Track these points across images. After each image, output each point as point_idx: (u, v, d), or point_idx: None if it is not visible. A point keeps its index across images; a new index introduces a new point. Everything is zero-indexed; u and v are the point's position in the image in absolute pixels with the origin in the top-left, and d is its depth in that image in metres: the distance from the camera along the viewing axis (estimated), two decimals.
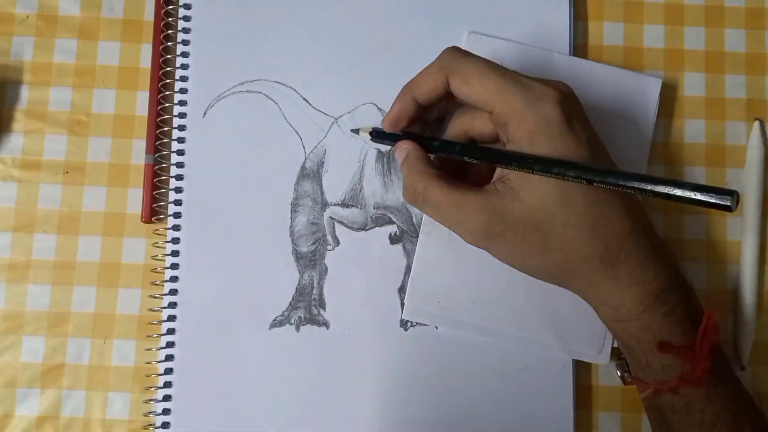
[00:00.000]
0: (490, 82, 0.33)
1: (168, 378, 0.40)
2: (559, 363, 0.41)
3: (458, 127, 0.38)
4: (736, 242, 0.43)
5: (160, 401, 0.40)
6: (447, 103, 0.38)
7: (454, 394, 0.40)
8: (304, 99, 0.43)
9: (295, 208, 0.42)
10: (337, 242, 0.42)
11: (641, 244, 0.33)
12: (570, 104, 0.34)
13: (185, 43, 0.43)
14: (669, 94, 0.44)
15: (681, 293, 0.34)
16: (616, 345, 0.40)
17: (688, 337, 0.33)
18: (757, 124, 0.43)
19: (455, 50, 0.36)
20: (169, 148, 0.42)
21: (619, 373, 0.37)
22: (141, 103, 0.43)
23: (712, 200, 0.29)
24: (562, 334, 0.40)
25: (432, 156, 0.37)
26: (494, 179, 0.35)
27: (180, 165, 0.42)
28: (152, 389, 0.40)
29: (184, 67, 0.43)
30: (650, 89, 0.42)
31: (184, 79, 0.42)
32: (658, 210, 0.43)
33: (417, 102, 0.36)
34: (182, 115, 0.42)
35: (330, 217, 0.42)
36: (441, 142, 0.37)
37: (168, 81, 0.43)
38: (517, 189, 0.33)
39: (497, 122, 0.34)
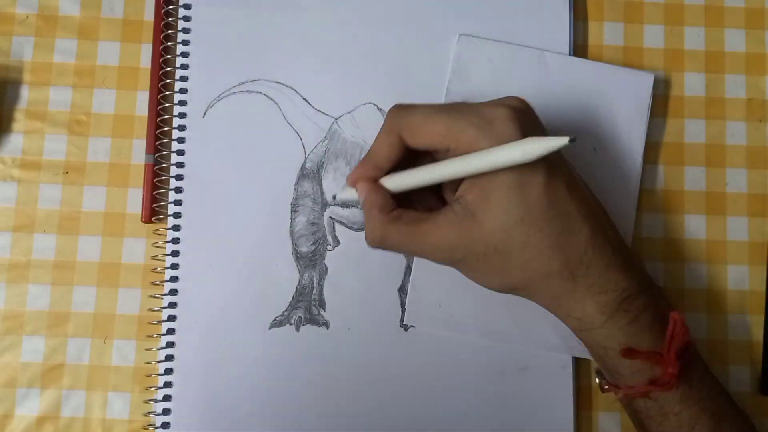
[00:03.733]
0: (439, 125, 0.33)
1: (168, 378, 0.40)
2: (559, 363, 0.41)
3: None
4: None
5: (160, 401, 0.40)
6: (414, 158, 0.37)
7: (453, 394, 0.40)
8: (304, 99, 0.43)
9: (295, 208, 0.42)
10: (337, 242, 0.42)
11: (602, 254, 0.33)
12: (523, 118, 0.33)
13: (185, 43, 0.43)
14: (669, 93, 0.44)
15: (646, 299, 0.34)
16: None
17: (657, 342, 0.33)
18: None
19: (398, 107, 0.35)
20: (169, 148, 0.42)
21: (597, 380, 0.37)
22: (141, 103, 0.43)
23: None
24: (563, 332, 0.40)
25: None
26: (453, 199, 0.34)
27: (180, 165, 0.42)
28: (152, 389, 0.40)
29: (184, 67, 0.43)
30: (643, 85, 0.42)
31: (184, 79, 0.42)
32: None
33: (380, 169, 0.36)
34: (182, 115, 0.42)
35: (330, 217, 0.42)
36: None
37: (168, 81, 0.43)
38: (475, 210, 0.33)
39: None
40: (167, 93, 0.42)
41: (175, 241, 0.41)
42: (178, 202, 0.41)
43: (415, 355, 0.41)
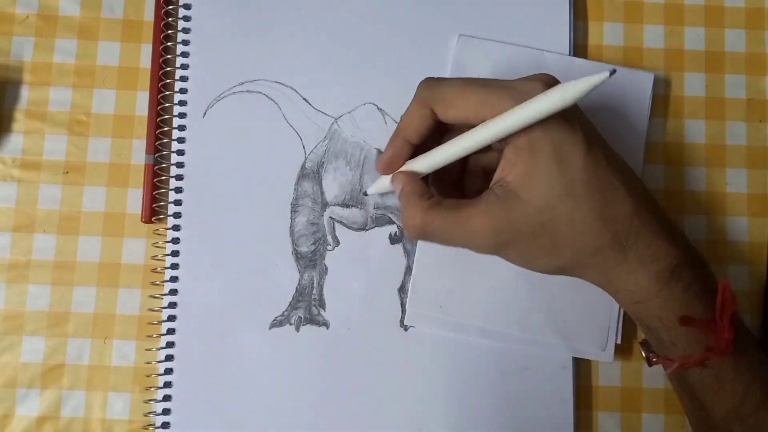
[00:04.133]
0: (473, 96, 0.33)
1: (168, 378, 0.40)
2: (559, 363, 0.41)
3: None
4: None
5: (160, 401, 0.40)
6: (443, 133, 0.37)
7: (453, 394, 0.40)
8: (304, 99, 0.43)
9: (295, 208, 0.42)
10: (337, 242, 0.42)
11: (648, 224, 0.33)
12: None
13: (185, 43, 0.43)
14: (669, 93, 0.44)
15: (695, 268, 0.34)
16: (619, 342, 0.40)
17: (709, 310, 0.33)
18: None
19: (429, 80, 0.35)
20: (169, 148, 0.42)
21: (644, 354, 0.37)
22: (141, 103, 0.43)
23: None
24: (566, 332, 0.40)
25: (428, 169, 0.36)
26: (492, 183, 0.34)
27: (180, 165, 0.42)
28: (152, 389, 0.40)
29: (184, 67, 0.43)
30: (643, 84, 0.43)
31: (184, 79, 0.42)
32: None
33: (410, 143, 0.36)
34: (182, 115, 0.42)
35: (330, 217, 0.42)
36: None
37: (168, 81, 0.43)
38: (517, 189, 0.33)
39: None
40: (167, 93, 0.42)
41: (175, 241, 0.41)
42: (178, 202, 0.41)
43: (415, 355, 0.41)
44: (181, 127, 0.42)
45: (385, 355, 0.41)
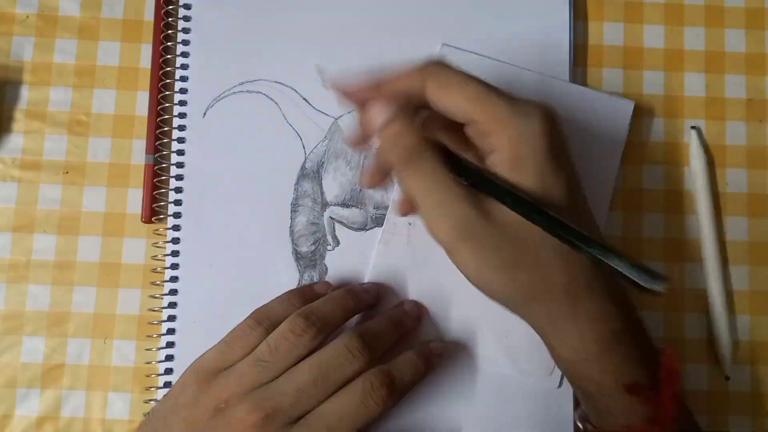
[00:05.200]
0: (472, 90, 0.31)
1: (168, 378, 0.40)
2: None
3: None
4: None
5: None
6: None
7: (452, 394, 0.40)
8: (304, 99, 0.43)
9: (295, 208, 0.42)
10: (337, 242, 0.42)
11: (606, 282, 0.32)
12: (554, 125, 0.32)
13: (185, 43, 0.43)
14: (669, 94, 0.44)
15: (638, 335, 0.32)
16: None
17: (650, 380, 0.31)
18: (694, 132, 0.43)
19: (439, 61, 0.33)
20: (169, 148, 0.42)
21: (580, 425, 0.36)
22: (141, 103, 0.43)
23: (644, 284, 0.28)
24: (513, 353, 0.40)
25: None
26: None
27: (180, 165, 0.42)
28: (152, 389, 0.40)
29: (184, 67, 0.43)
30: (623, 112, 0.42)
31: (184, 79, 0.42)
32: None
33: (383, 94, 0.33)
34: (182, 115, 0.42)
35: (330, 217, 0.42)
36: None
37: (168, 81, 0.43)
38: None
39: (476, 133, 0.32)
40: (167, 93, 0.42)
41: (175, 241, 0.41)
42: (178, 202, 0.41)
43: None
44: (181, 127, 0.42)
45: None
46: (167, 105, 0.42)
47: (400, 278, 0.41)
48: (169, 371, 0.40)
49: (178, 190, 0.42)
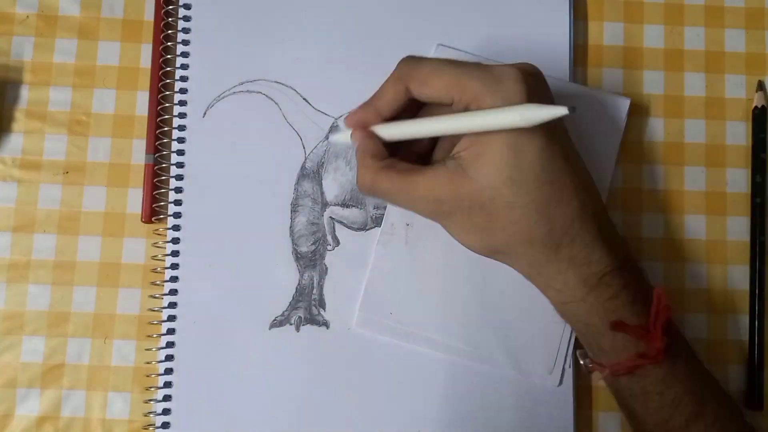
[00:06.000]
0: (446, 77, 0.33)
1: (168, 378, 0.40)
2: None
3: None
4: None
5: (160, 401, 0.40)
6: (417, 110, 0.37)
7: (453, 394, 0.40)
8: (304, 99, 0.43)
9: (295, 208, 0.42)
10: (337, 242, 0.42)
11: (588, 228, 0.33)
12: (532, 82, 0.33)
13: (185, 43, 0.43)
14: (669, 93, 0.44)
15: (628, 276, 0.34)
16: (569, 366, 0.40)
17: (640, 319, 0.33)
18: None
19: (409, 58, 0.36)
20: (169, 148, 0.42)
21: (581, 361, 0.37)
22: (141, 103, 0.43)
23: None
24: (513, 351, 0.40)
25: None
26: (449, 155, 0.34)
27: (180, 165, 0.42)
28: (152, 389, 0.40)
29: (184, 67, 0.43)
30: (619, 109, 0.42)
31: (184, 79, 0.42)
32: (658, 210, 0.43)
33: (380, 114, 0.36)
34: (182, 115, 0.42)
35: (330, 217, 0.42)
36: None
37: (168, 81, 0.43)
38: (466, 167, 0.33)
39: (463, 109, 0.34)
40: (167, 93, 0.42)
41: (175, 241, 0.41)
42: (178, 202, 0.41)
43: (415, 355, 0.41)
44: (181, 127, 0.42)
45: (385, 355, 0.41)
46: (167, 105, 0.42)
47: (399, 280, 0.41)
48: (169, 371, 0.40)
49: (178, 190, 0.42)
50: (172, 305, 0.41)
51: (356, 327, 0.41)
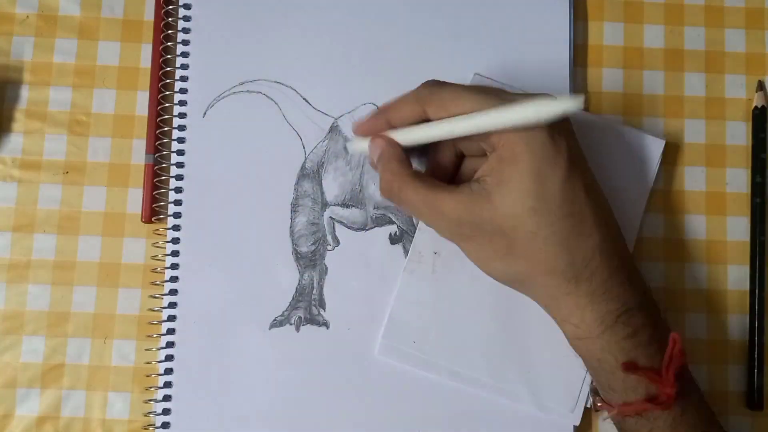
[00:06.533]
0: (468, 103, 0.33)
1: (168, 378, 0.40)
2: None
3: (447, 145, 0.37)
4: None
5: (160, 401, 0.40)
6: None
7: (453, 393, 0.40)
8: (304, 99, 0.43)
9: (295, 208, 0.42)
10: (337, 242, 0.42)
11: (608, 263, 0.33)
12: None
13: (185, 43, 0.43)
14: (669, 93, 0.44)
15: (646, 317, 0.33)
16: (590, 405, 0.39)
17: (653, 361, 0.33)
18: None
19: (433, 82, 0.36)
20: (169, 148, 0.42)
21: (590, 398, 0.37)
22: (141, 103, 0.43)
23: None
24: (535, 388, 0.39)
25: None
26: (474, 178, 0.35)
27: (180, 165, 0.42)
28: (152, 389, 0.40)
29: (184, 67, 0.43)
30: (653, 150, 0.42)
31: (184, 79, 0.42)
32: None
33: (392, 127, 0.36)
34: (182, 115, 0.42)
35: (330, 217, 0.42)
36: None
37: (168, 81, 0.43)
38: (490, 191, 0.33)
39: (479, 137, 0.34)
40: (167, 93, 0.42)
41: (175, 241, 0.41)
42: (178, 202, 0.41)
43: None
44: (181, 127, 0.42)
45: None
46: (167, 105, 0.42)
47: (424, 308, 0.40)
48: (169, 371, 0.40)
49: (178, 190, 0.42)
50: (172, 305, 0.41)
51: (379, 354, 0.40)
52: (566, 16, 0.44)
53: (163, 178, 0.42)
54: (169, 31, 0.43)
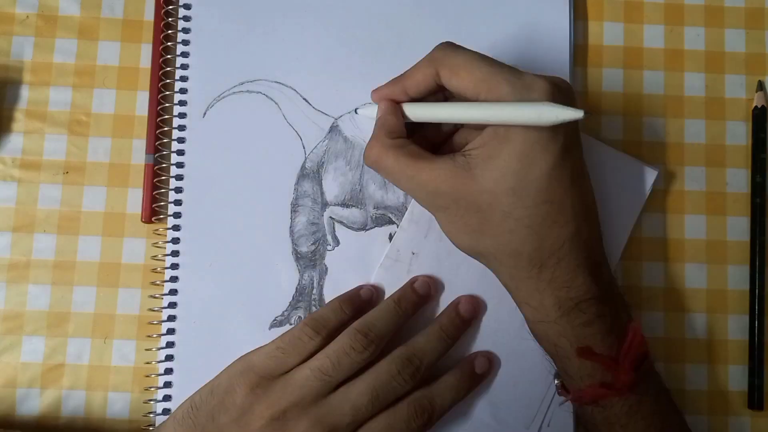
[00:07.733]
0: (477, 72, 0.33)
1: (168, 378, 0.40)
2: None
3: None
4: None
5: (160, 401, 0.40)
6: (443, 96, 0.38)
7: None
8: (304, 99, 0.43)
9: (295, 208, 0.42)
10: (337, 242, 0.42)
11: (576, 254, 0.33)
12: (561, 97, 0.32)
13: (185, 43, 0.43)
14: (669, 94, 0.44)
15: (606, 307, 0.33)
16: (548, 426, 0.39)
17: (611, 350, 0.33)
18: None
19: (447, 44, 0.36)
20: (169, 148, 0.42)
21: (556, 382, 0.37)
22: (141, 103, 0.43)
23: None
24: (494, 400, 0.40)
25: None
26: (462, 150, 0.34)
27: (180, 165, 0.42)
28: (152, 389, 0.40)
29: (184, 67, 0.43)
30: (644, 180, 0.42)
31: (184, 79, 0.42)
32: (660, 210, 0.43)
33: (406, 93, 0.36)
34: (182, 115, 0.42)
35: (330, 217, 0.42)
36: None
37: (168, 81, 0.43)
38: (473, 166, 0.33)
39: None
40: (167, 93, 0.42)
41: (175, 241, 0.41)
42: (178, 202, 0.41)
43: None
44: (181, 127, 0.42)
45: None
46: (167, 105, 0.42)
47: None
48: (169, 371, 0.40)
49: (178, 190, 0.42)
50: (172, 305, 0.41)
51: None
52: (566, 16, 0.44)
53: (163, 178, 0.42)
54: (169, 31, 0.43)
